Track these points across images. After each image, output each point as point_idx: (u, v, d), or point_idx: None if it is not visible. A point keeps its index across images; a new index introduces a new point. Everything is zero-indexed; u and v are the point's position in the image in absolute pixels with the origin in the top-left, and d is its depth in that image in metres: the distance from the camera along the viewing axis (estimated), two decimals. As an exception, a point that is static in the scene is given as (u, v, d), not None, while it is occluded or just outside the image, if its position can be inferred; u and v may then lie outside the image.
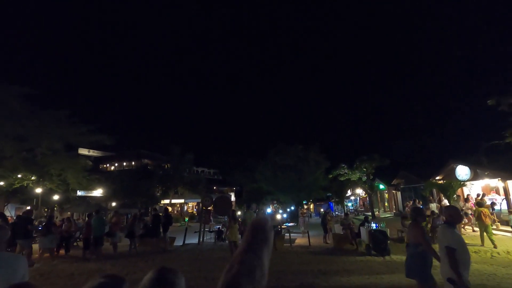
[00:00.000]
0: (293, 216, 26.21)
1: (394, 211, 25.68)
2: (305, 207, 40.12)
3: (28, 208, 17.40)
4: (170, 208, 28.15)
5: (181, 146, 32.17)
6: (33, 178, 17.78)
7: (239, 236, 11.17)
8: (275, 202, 35.74)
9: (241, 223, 11.54)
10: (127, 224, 13.41)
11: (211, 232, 15.62)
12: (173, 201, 36.32)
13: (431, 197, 17.14)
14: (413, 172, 23.24)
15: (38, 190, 19.38)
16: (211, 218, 17.20)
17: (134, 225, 12.02)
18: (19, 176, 16.90)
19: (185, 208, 41.78)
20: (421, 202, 16.41)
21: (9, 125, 10.78)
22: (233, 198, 39.62)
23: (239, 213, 19.72)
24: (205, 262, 9.14)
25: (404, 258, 9.21)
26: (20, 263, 2.26)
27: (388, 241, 10.03)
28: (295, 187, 26.95)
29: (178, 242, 13.41)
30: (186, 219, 31.26)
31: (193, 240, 14.23)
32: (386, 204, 29.41)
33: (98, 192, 27.31)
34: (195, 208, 40.74)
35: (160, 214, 12.85)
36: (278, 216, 21.20)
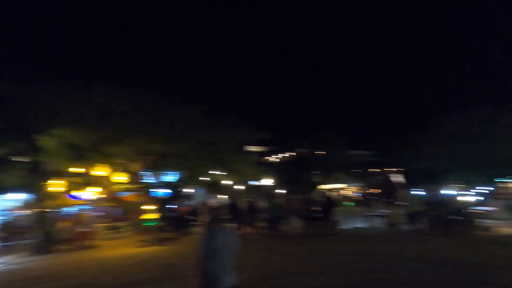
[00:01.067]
0: (487, 198, 20.73)
1: None
2: (507, 185, 30.79)
3: (230, 197, 22.71)
4: (335, 193, 28.76)
5: (335, 131, 32.45)
6: (223, 173, 23.00)
7: (401, 219, 10.09)
8: (456, 181, 29.40)
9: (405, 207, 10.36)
10: (296, 208, 14.84)
11: (380, 216, 14.82)
12: (332, 186, 36.99)
13: None
14: None
15: (227, 182, 25.01)
16: (377, 201, 16.28)
17: (302, 209, 13.23)
18: (214, 172, 22.35)
19: (346, 192, 41.47)
20: None
21: (197, 135, 14.54)
22: (398, 179, 35.95)
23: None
24: (369, 245, 8.95)
25: None
26: (235, 236, 3.23)
27: None
28: (483, 161, 21.01)
29: (343, 226, 13.59)
30: (351, 203, 31.05)
31: (359, 224, 14.14)
32: None
33: (267, 181, 31.87)
34: (357, 192, 39.73)
35: (324, 199, 13.46)
36: (462, 198, 17.52)
